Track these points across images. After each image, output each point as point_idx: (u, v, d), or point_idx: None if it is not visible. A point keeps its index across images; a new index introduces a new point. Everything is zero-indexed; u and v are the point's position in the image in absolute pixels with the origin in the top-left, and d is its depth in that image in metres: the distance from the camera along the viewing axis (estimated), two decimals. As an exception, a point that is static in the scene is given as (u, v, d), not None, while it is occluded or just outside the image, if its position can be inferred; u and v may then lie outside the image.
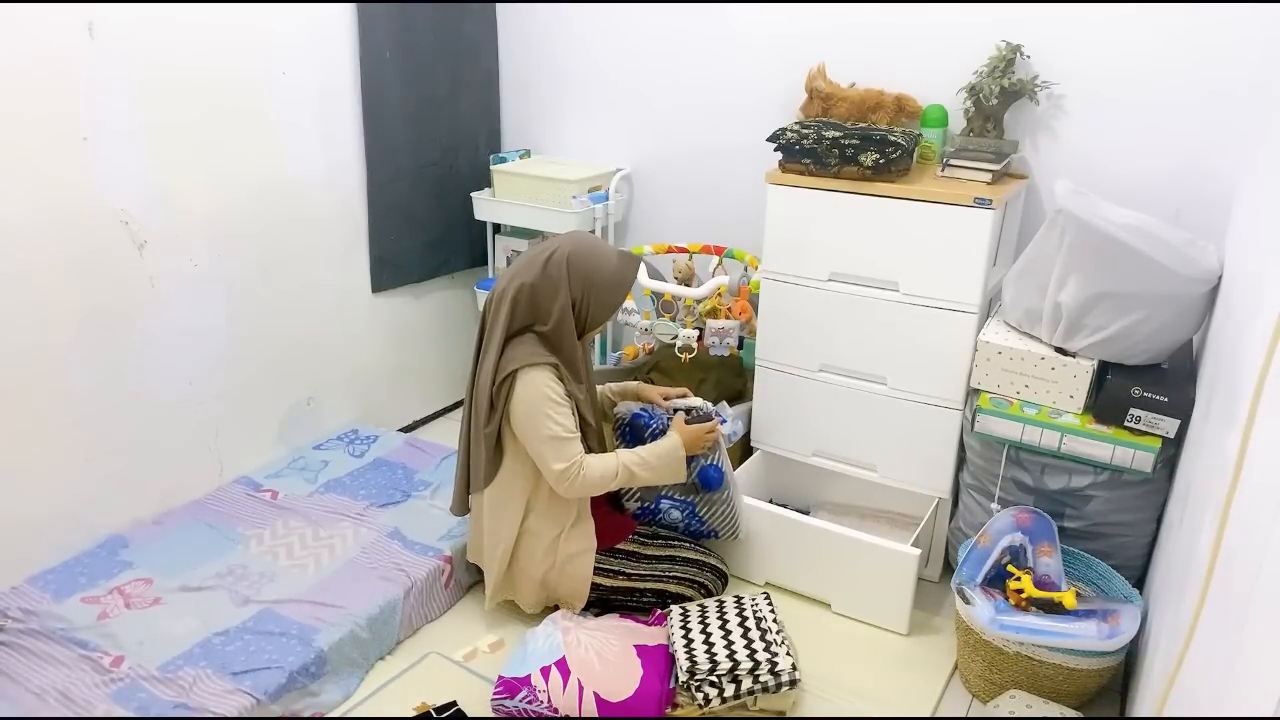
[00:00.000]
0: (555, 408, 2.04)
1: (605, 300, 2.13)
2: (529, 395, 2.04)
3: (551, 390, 2.05)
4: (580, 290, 2.09)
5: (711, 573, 2.28)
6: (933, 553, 2.48)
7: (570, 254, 2.09)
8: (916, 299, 2.27)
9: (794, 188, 2.35)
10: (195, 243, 2.45)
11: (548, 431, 2.04)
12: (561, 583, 2.20)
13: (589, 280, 2.09)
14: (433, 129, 3.04)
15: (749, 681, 1.95)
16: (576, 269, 2.08)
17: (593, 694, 1.92)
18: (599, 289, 2.11)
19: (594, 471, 2.07)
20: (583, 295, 2.10)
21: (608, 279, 2.12)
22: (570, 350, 2.12)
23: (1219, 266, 1.97)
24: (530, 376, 2.05)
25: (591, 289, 2.10)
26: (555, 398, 2.05)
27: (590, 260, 2.10)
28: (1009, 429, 2.12)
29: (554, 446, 2.04)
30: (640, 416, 2.30)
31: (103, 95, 2.16)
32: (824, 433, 2.52)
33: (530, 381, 2.04)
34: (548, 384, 2.05)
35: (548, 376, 2.06)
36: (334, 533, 2.43)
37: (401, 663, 2.15)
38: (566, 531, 2.16)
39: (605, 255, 2.13)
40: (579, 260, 2.09)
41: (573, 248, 2.11)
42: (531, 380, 2.04)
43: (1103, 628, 1.93)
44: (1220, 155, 2.20)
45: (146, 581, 2.21)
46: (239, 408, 2.67)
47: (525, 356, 2.06)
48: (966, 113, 2.43)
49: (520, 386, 2.05)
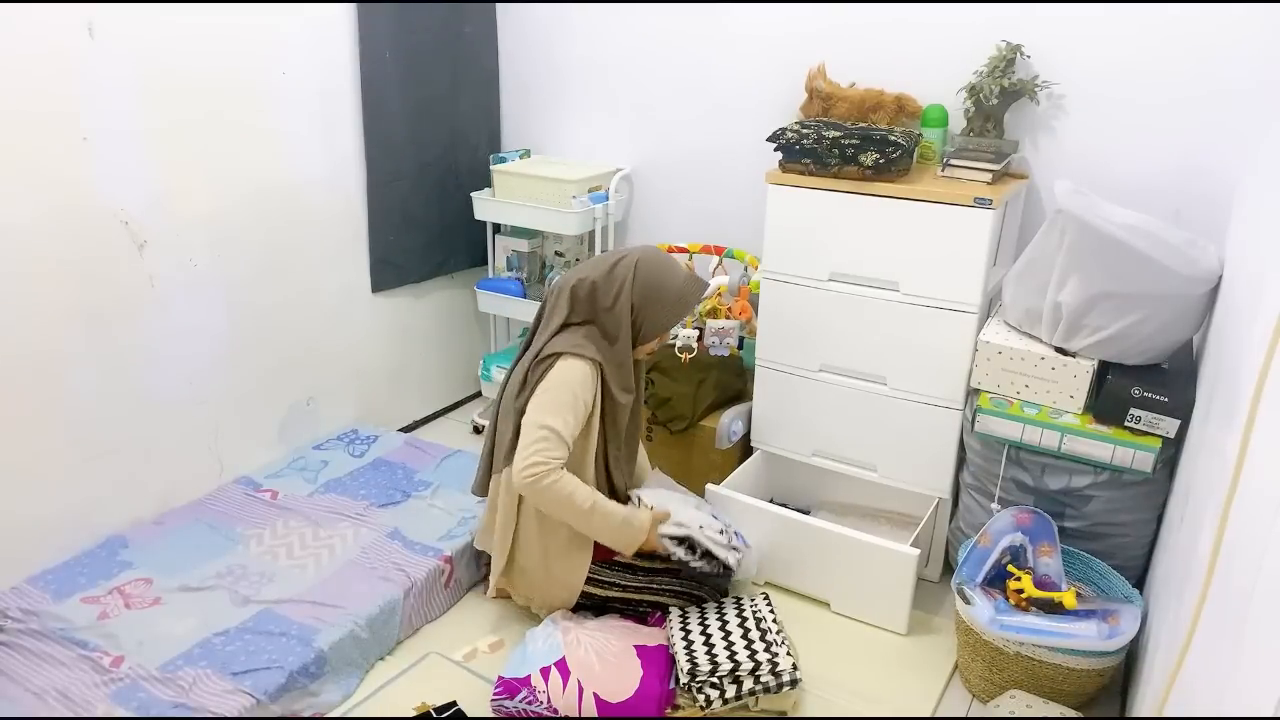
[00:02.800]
0: (573, 403, 2.02)
1: (662, 315, 2.12)
2: (558, 379, 2.02)
3: (580, 387, 2.03)
4: (641, 298, 2.09)
5: (711, 588, 2.26)
6: (933, 553, 2.48)
7: (640, 260, 2.10)
8: (916, 299, 2.27)
9: (794, 188, 2.35)
10: (195, 243, 2.45)
11: (549, 419, 1.98)
12: (551, 585, 2.18)
13: (651, 290, 2.09)
14: (433, 129, 3.04)
15: (750, 682, 1.95)
16: (641, 276, 2.08)
17: (593, 694, 1.92)
18: (658, 302, 2.10)
19: (565, 487, 1.96)
20: (643, 304, 2.09)
21: (669, 295, 2.10)
22: (623, 354, 2.11)
23: (1219, 266, 1.97)
24: (570, 363, 2.03)
25: (650, 300, 2.09)
26: (579, 393, 2.02)
27: (657, 272, 2.10)
28: (1009, 429, 2.12)
29: (543, 436, 1.96)
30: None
31: (103, 96, 2.16)
32: (824, 433, 2.52)
33: (569, 368, 2.03)
34: (581, 379, 2.03)
35: (586, 372, 2.04)
36: (334, 533, 2.43)
37: (401, 663, 2.15)
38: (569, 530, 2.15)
39: (673, 272, 2.13)
40: (646, 269, 2.09)
41: (643, 255, 2.12)
42: (570, 367, 2.03)
43: (1103, 628, 1.93)
44: (1220, 155, 2.20)
45: (146, 581, 2.21)
46: (239, 408, 2.67)
47: (575, 345, 2.05)
48: (966, 113, 2.43)
49: (557, 368, 2.03)
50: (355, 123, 2.82)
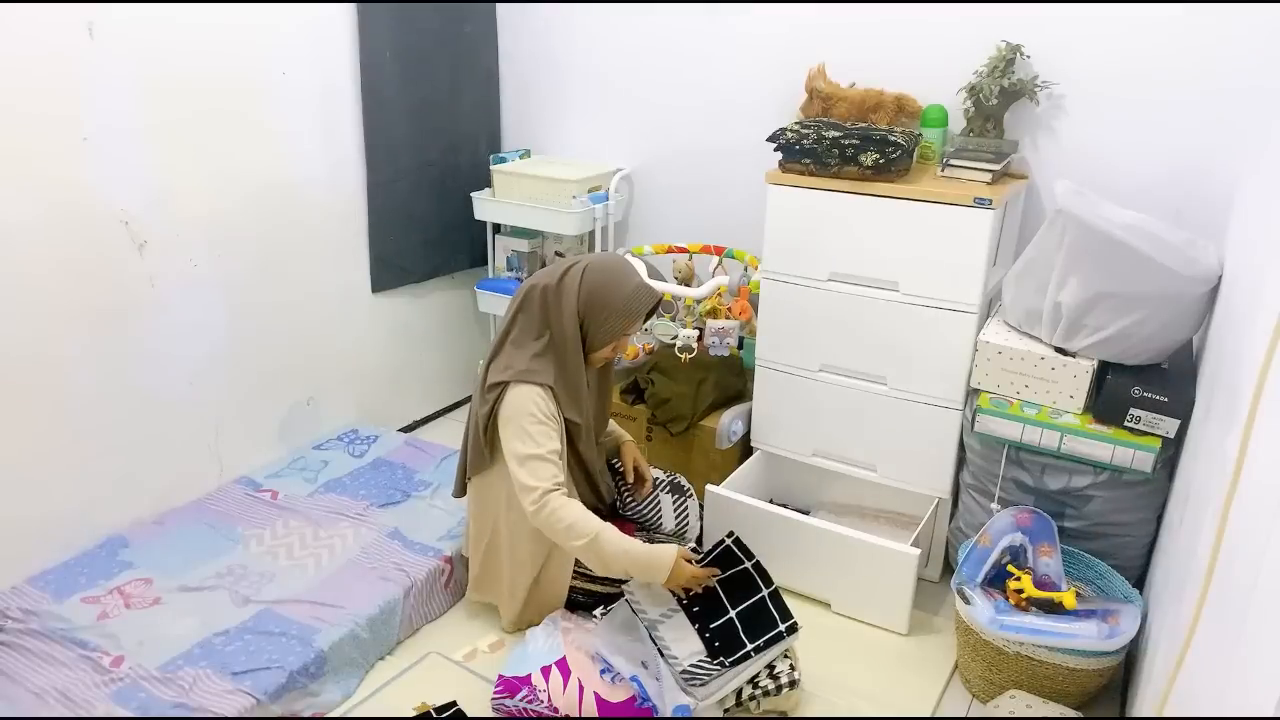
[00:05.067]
0: (536, 424, 2.00)
1: (608, 325, 2.08)
2: (513, 407, 2.01)
3: (537, 407, 2.01)
4: (585, 306, 2.06)
5: None
6: (933, 553, 2.48)
7: (588, 269, 2.07)
8: (916, 299, 2.27)
9: (794, 188, 2.35)
10: (195, 243, 2.45)
11: (523, 448, 1.98)
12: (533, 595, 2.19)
13: (596, 299, 2.05)
14: (433, 129, 3.04)
15: (748, 688, 1.95)
16: (588, 285, 2.05)
17: (593, 694, 1.92)
18: (604, 310, 2.06)
19: (564, 514, 1.93)
20: (588, 312, 2.06)
21: (616, 304, 2.06)
22: (575, 370, 2.08)
23: (1219, 266, 1.97)
24: (519, 390, 2.02)
25: (596, 309, 2.06)
26: (539, 414, 2.01)
27: (605, 281, 2.06)
28: (1009, 429, 2.12)
29: (527, 464, 1.97)
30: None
31: (103, 96, 2.16)
32: (824, 433, 2.52)
33: (519, 395, 2.01)
34: (534, 400, 2.01)
35: (536, 394, 2.02)
36: (334, 533, 2.43)
37: (401, 663, 2.15)
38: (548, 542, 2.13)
39: (621, 281, 2.08)
40: (593, 278, 2.06)
41: (592, 264, 2.09)
42: (519, 394, 2.01)
43: (1103, 628, 1.93)
44: (1220, 155, 2.20)
45: (146, 581, 2.21)
46: (239, 408, 2.67)
47: (522, 370, 2.03)
48: (966, 113, 2.43)
49: (508, 399, 2.02)
50: (355, 123, 2.82)
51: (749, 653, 1.94)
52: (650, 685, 1.93)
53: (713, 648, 1.96)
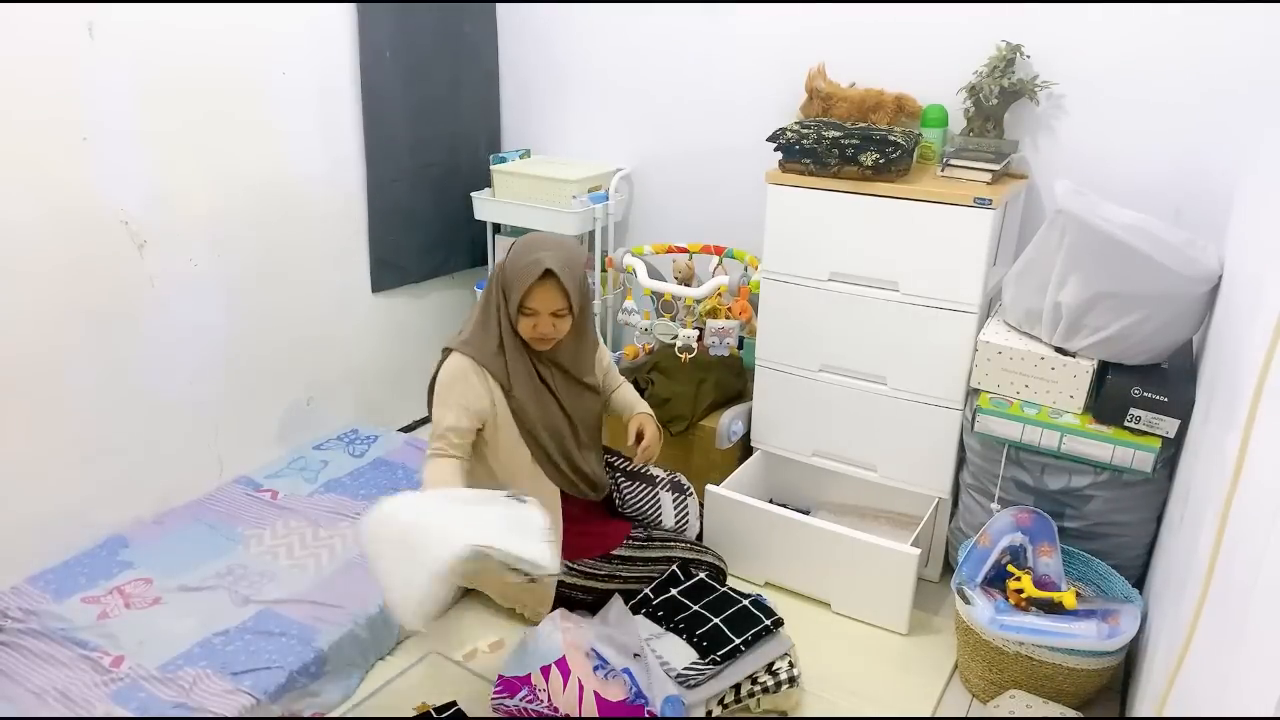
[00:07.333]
0: (445, 396, 2.05)
1: (506, 290, 2.06)
2: (439, 376, 2.09)
3: (452, 379, 2.05)
4: (501, 277, 2.08)
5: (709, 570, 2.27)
6: (933, 553, 2.48)
7: (514, 243, 2.11)
8: (916, 299, 2.27)
9: (794, 188, 2.35)
10: (195, 243, 2.45)
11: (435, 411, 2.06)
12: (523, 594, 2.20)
13: (504, 269, 2.08)
14: (433, 129, 3.04)
15: (747, 684, 1.96)
16: (507, 257, 2.08)
17: (593, 694, 1.92)
18: (507, 281, 2.06)
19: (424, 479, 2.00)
20: (502, 283, 2.08)
21: (506, 267, 2.06)
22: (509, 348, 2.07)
23: (1219, 266, 1.97)
24: (449, 360, 2.08)
25: (504, 279, 2.07)
26: (451, 388, 2.04)
27: (514, 252, 2.08)
28: (1009, 429, 2.12)
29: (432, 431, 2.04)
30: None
31: (103, 96, 2.16)
32: (824, 433, 2.52)
33: (446, 365, 2.08)
34: (451, 373, 2.06)
35: (456, 365, 2.06)
36: (334, 533, 2.43)
37: (401, 663, 2.15)
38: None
39: (522, 251, 2.06)
40: (511, 250, 2.09)
41: (520, 239, 2.12)
42: (446, 365, 2.08)
43: (1103, 628, 1.93)
44: (1220, 155, 2.20)
45: (146, 581, 2.21)
46: (239, 408, 2.67)
47: (459, 340, 2.09)
48: (966, 113, 2.43)
49: (442, 367, 2.09)
50: (355, 123, 2.82)
51: (738, 647, 1.96)
52: (642, 677, 1.94)
53: (702, 648, 1.99)
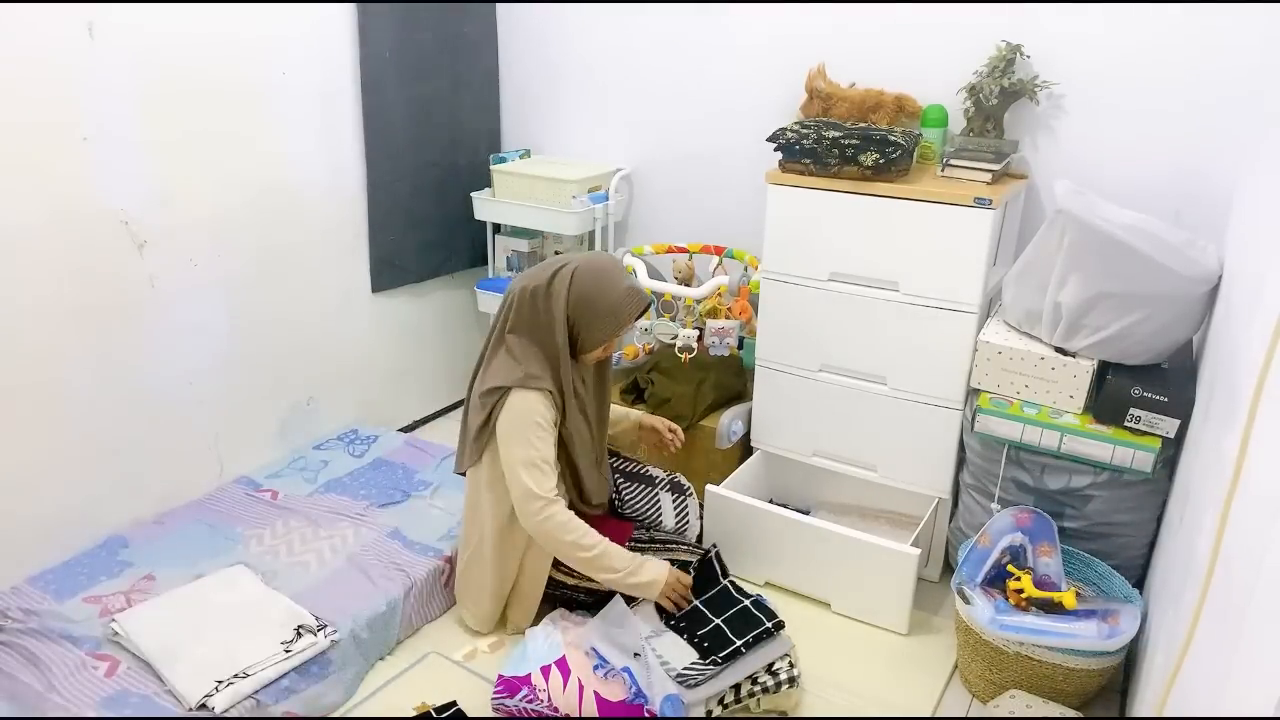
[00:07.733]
0: (538, 432, 2.01)
1: (596, 328, 2.06)
2: (516, 413, 2.02)
3: (540, 416, 2.01)
4: (575, 310, 2.04)
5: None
6: (933, 553, 2.48)
7: (577, 271, 2.05)
8: (916, 299, 2.27)
9: (794, 188, 2.35)
10: (195, 243, 2.45)
11: (524, 454, 2.00)
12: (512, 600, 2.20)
13: (585, 303, 2.04)
14: (433, 129, 3.04)
15: (747, 684, 1.96)
16: (578, 288, 2.04)
17: (593, 693, 1.92)
18: (592, 314, 2.05)
19: (563, 522, 1.99)
20: (577, 316, 2.05)
21: (603, 308, 2.05)
22: (567, 373, 2.07)
23: (1219, 266, 1.97)
24: (523, 396, 2.02)
25: (584, 312, 2.04)
26: (541, 423, 2.01)
27: (594, 283, 2.05)
28: (1009, 429, 2.12)
29: (530, 471, 2.00)
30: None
31: (103, 96, 2.16)
32: (824, 433, 2.52)
33: (522, 399, 2.02)
34: (537, 407, 2.02)
35: (539, 401, 2.02)
36: (334, 533, 2.43)
37: (401, 663, 2.15)
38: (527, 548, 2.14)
39: (611, 283, 2.06)
40: (582, 279, 2.04)
41: (581, 265, 2.07)
42: (524, 400, 2.02)
43: (1103, 628, 1.94)
44: (1220, 155, 2.20)
45: (147, 581, 2.21)
46: (239, 407, 2.67)
47: (521, 373, 2.02)
48: (966, 113, 2.43)
49: (512, 400, 2.02)
50: (355, 123, 2.82)
51: (739, 649, 1.96)
52: (642, 676, 1.94)
53: (703, 649, 1.99)
